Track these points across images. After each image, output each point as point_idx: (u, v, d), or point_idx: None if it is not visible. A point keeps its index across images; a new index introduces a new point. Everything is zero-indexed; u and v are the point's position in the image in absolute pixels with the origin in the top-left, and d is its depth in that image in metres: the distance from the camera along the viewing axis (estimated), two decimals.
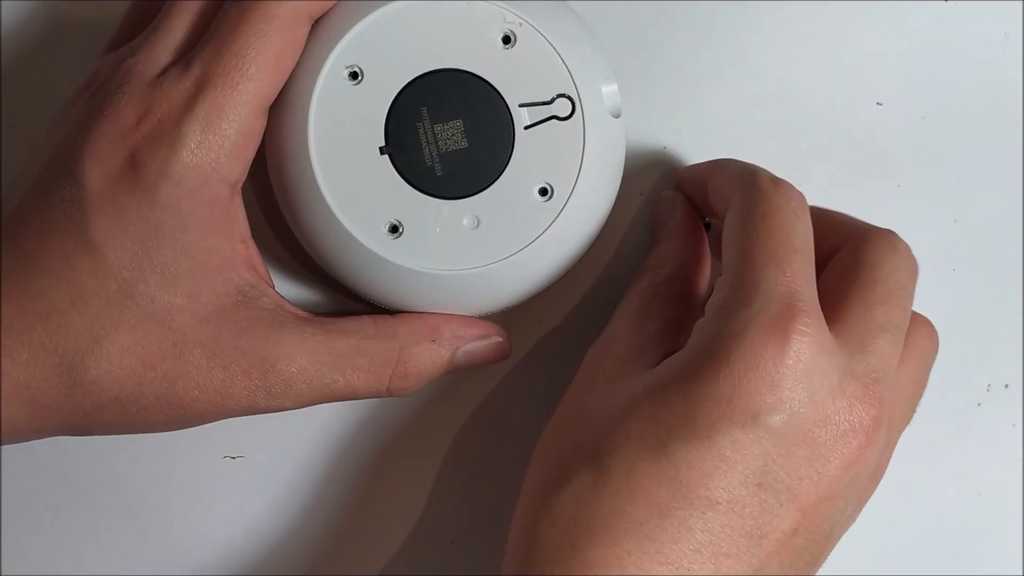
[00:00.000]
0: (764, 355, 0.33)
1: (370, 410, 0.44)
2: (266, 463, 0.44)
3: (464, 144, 0.38)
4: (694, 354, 0.35)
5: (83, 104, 0.37)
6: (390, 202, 0.38)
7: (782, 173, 0.38)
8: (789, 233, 0.36)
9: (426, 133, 0.38)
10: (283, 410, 0.38)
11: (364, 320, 0.40)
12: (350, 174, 0.38)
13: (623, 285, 0.41)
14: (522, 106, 0.38)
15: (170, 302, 0.36)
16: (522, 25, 0.38)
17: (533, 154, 0.38)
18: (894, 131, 0.45)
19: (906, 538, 0.45)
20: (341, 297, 0.43)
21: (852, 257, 0.38)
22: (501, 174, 0.38)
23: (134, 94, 0.36)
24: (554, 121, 0.38)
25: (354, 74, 0.38)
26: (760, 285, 0.34)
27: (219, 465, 0.44)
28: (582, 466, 0.35)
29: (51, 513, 0.44)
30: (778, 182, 0.37)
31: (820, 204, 0.41)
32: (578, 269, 0.41)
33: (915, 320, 0.38)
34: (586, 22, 0.41)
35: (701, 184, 0.41)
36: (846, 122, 0.45)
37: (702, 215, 0.42)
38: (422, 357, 0.40)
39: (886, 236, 0.38)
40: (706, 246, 0.42)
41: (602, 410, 0.36)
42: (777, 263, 0.35)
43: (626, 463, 0.34)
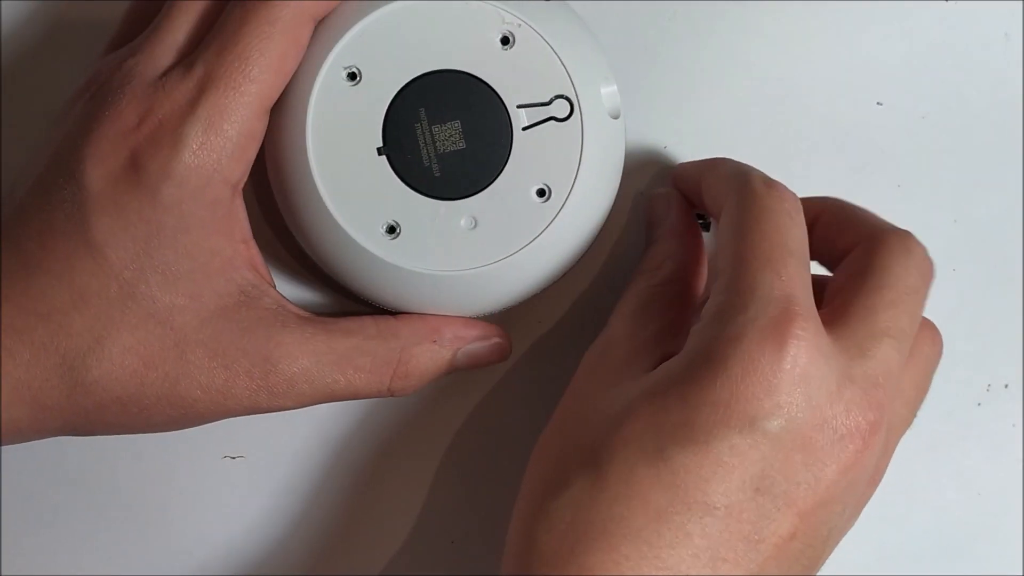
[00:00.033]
0: (761, 360, 0.33)
1: (370, 410, 0.44)
2: (266, 463, 0.44)
3: (462, 145, 0.38)
4: (691, 359, 0.34)
5: (84, 104, 0.37)
6: (388, 203, 0.38)
7: (782, 173, 0.38)
8: (784, 236, 0.35)
9: (424, 134, 0.38)
10: (285, 409, 0.39)
11: (366, 320, 0.40)
12: (348, 175, 0.38)
13: (622, 285, 0.41)
14: (520, 107, 0.38)
15: (172, 302, 0.36)
16: (520, 26, 0.38)
17: (531, 155, 0.38)
18: (894, 131, 0.45)
19: (906, 538, 0.45)
20: (340, 298, 0.43)
21: (864, 258, 0.37)
22: (499, 175, 0.38)
23: (135, 94, 0.36)
24: (552, 122, 0.38)
25: (352, 75, 0.38)
26: (756, 290, 0.34)
27: (219, 465, 0.44)
28: (580, 471, 0.34)
29: (51, 513, 0.44)
30: (771, 184, 0.37)
31: None
32: (577, 269, 0.41)
33: (924, 325, 0.38)
34: (586, 22, 0.40)
35: (695, 182, 0.41)
36: (846, 122, 0.45)
37: (699, 213, 0.42)
38: (423, 358, 0.40)
39: (901, 238, 0.37)
40: (703, 246, 0.42)
41: (599, 414, 0.36)
42: (772, 267, 0.35)
43: (624, 468, 0.34)
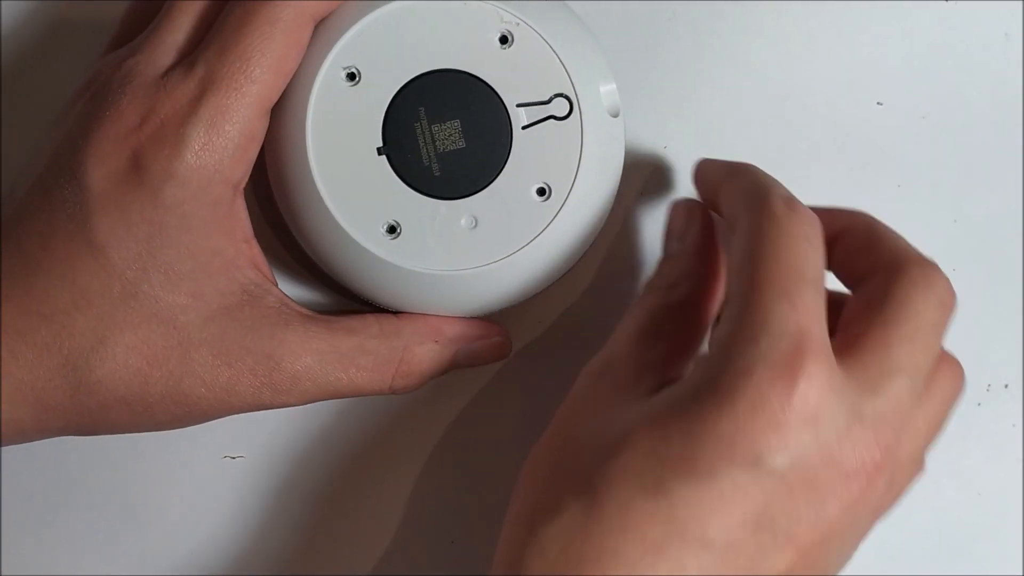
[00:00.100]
0: (770, 396, 0.32)
1: (370, 409, 0.44)
2: (266, 463, 0.44)
3: (462, 144, 0.38)
4: (697, 389, 0.33)
5: (84, 104, 0.37)
6: (388, 202, 0.38)
7: (782, 173, 0.38)
8: (801, 263, 0.34)
9: (424, 133, 0.38)
10: (288, 406, 0.39)
11: (368, 319, 0.40)
12: (348, 175, 0.38)
13: (621, 285, 0.41)
14: (520, 106, 0.38)
15: (174, 302, 0.36)
16: (519, 25, 0.38)
17: (531, 154, 0.38)
18: (894, 131, 0.45)
19: (906, 538, 0.45)
20: (341, 297, 0.43)
21: (883, 287, 0.35)
22: (499, 174, 0.38)
23: (136, 94, 0.36)
24: (552, 121, 0.38)
25: (351, 75, 0.38)
26: (768, 321, 0.33)
27: (219, 465, 0.44)
28: (574, 497, 0.33)
29: (51, 513, 0.44)
30: (792, 204, 0.35)
31: (820, 204, 0.39)
32: (577, 269, 0.41)
33: (944, 359, 0.36)
34: (584, 21, 0.41)
35: (714, 186, 0.39)
36: (846, 122, 0.45)
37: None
38: (425, 356, 0.40)
39: (924, 270, 0.35)
40: (723, 267, 0.40)
41: (597, 438, 0.34)
42: (787, 297, 0.33)
43: (621, 498, 0.32)
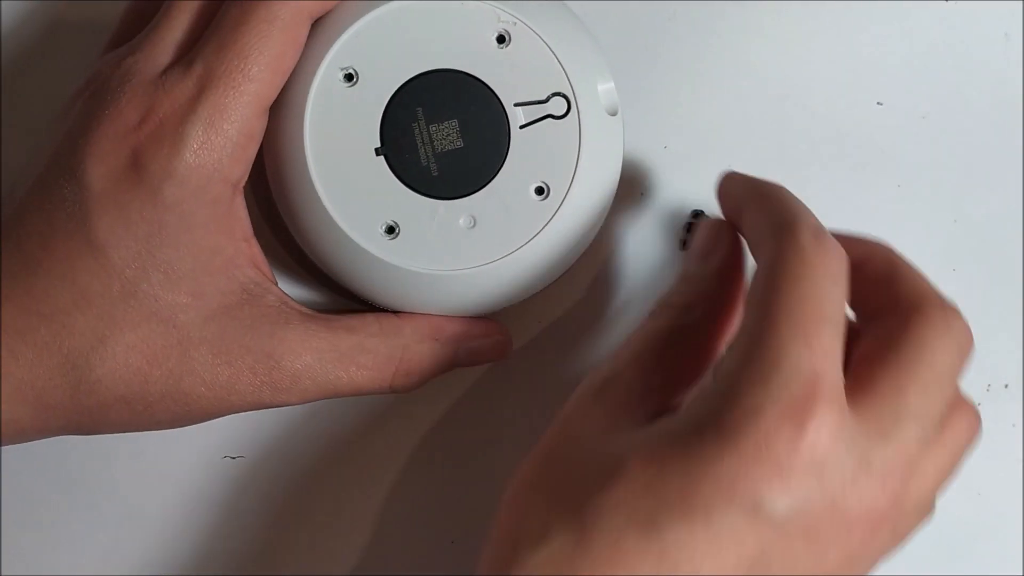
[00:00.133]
0: (777, 440, 0.30)
1: (370, 409, 0.44)
2: (266, 463, 0.44)
3: (460, 144, 0.38)
4: (700, 424, 0.31)
5: (83, 103, 0.37)
6: (386, 203, 0.38)
7: (782, 173, 0.38)
8: (823, 302, 0.32)
9: (422, 133, 0.38)
10: (287, 405, 0.39)
11: (368, 318, 0.40)
12: (346, 175, 0.38)
13: (621, 285, 0.41)
14: (517, 105, 0.38)
15: (174, 301, 0.36)
16: (516, 24, 0.38)
17: (529, 153, 0.38)
18: (894, 131, 0.45)
19: None
20: (340, 297, 0.43)
21: (899, 329, 0.34)
22: (497, 173, 0.38)
23: (135, 93, 0.36)
24: (550, 120, 0.38)
25: (349, 76, 0.38)
26: (782, 361, 0.31)
27: (219, 465, 0.44)
28: (563, 525, 0.32)
29: (51, 513, 0.44)
30: (820, 238, 0.33)
31: (820, 204, 0.38)
32: (576, 268, 0.41)
33: (959, 405, 0.35)
34: (582, 20, 0.40)
35: (738, 205, 0.37)
36: (846, 122, 0.45)
37: (696, 211, 0.42)
38: (425, 355, 0.40)
39: (942, 314, 0.34)
40: (743, 293, 0.37)
41: (589, 462, 0.33)
42: (805, 337, 0.31)
43: (612, 534, 0.31)
